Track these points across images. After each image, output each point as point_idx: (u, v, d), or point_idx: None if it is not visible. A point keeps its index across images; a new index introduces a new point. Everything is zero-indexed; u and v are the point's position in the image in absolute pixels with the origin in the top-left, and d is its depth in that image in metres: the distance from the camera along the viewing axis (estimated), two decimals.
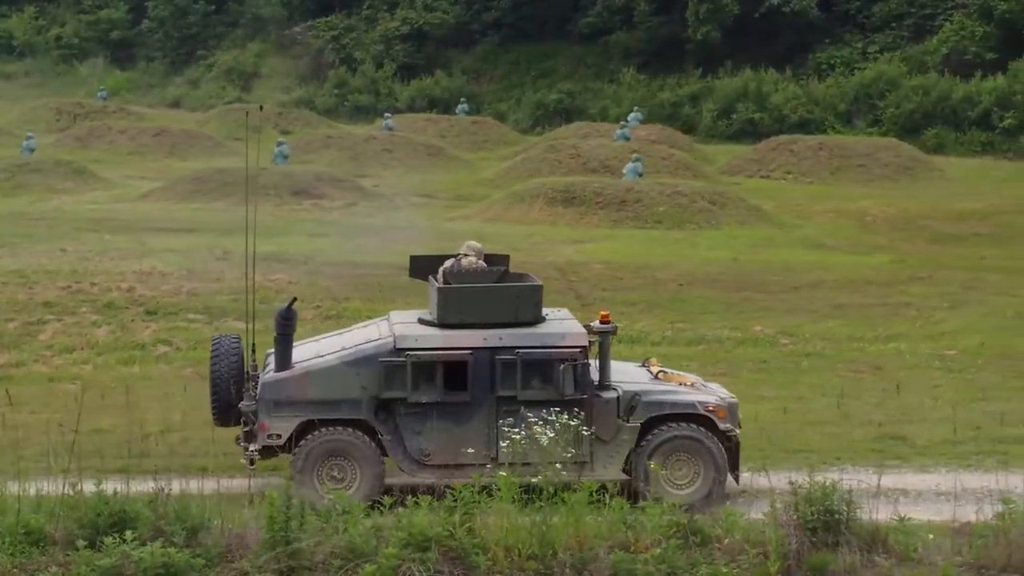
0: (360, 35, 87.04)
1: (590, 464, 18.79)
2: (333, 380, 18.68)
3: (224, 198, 47.59)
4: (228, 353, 19.85)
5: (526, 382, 18.63)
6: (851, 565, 14.64)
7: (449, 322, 18.86)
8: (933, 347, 31.07)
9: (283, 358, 19.06)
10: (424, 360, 18.51)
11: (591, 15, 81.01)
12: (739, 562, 14.62)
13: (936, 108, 66.58)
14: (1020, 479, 20.67)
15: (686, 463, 19.05)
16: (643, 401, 18.99)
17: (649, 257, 37.94)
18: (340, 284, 33.89)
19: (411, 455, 18.70)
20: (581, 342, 18.81)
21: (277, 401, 18.71)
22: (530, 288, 19.34)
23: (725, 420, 19.24)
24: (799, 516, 14.91)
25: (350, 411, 18.70)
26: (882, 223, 45.92)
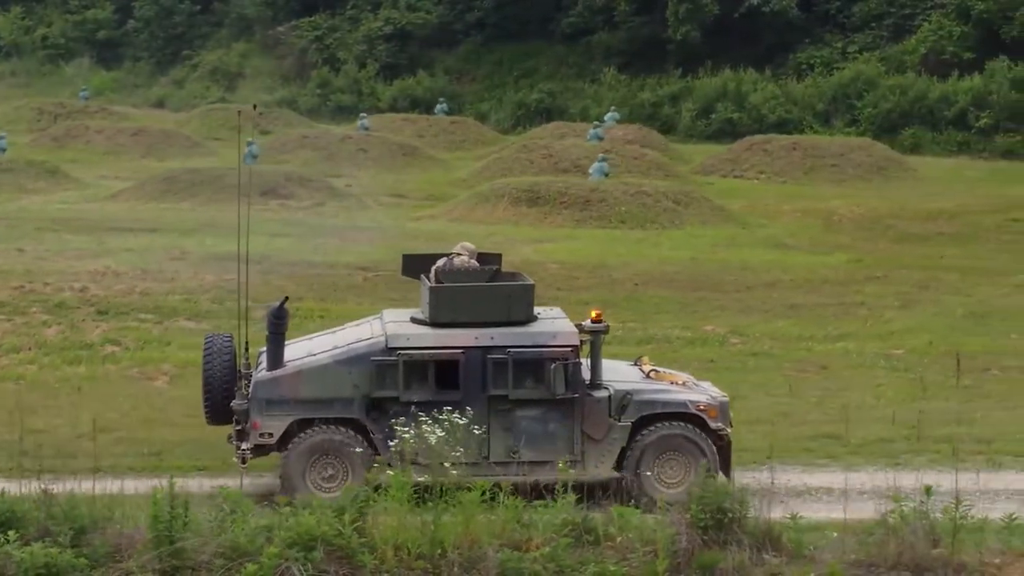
0: (344, 35, 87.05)
1: (582, 463, 18.94)
2: (325, 379, 18.83)
3: (191, 198, 47.71)
4: (220, 352, 19.90)
5: (518, 381, 18.80)
6: (740, 563, 14.74)
7: (441, 321, 19.02)
8: (881, 346, 31.22)
9: (275, 357, 19.18)
10: (416, 359, 18.68)
11: (573, 15, 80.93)
12: (629, 561, 14.71)
13: (913, 108, 66.63)
14: (944, 477, 20.76)
15: (677, 462, 19.18)
16: (635, 400, 19.14)
17: (607, 257, 38.00)
18: (294, 284, 33.91)
19: (403, 454, 18.72)
20: (572, 341, 18.97)
21: (269, 400, 18.85)
22: (522, 287, 19.53)
23: (716, 419, 19.41)
24: (691, 515, 14.99)
25: (342, 410, 18.83)
26: (848, 223, 45.98)
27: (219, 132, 72.17)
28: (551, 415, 18.90)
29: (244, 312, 21.01)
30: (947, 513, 15.31)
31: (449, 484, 15.36)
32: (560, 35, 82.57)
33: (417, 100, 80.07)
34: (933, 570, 15.02)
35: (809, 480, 21.04)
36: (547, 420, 18.91)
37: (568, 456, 18.72)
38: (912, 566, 15.05)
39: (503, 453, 18.85)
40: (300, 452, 18.72)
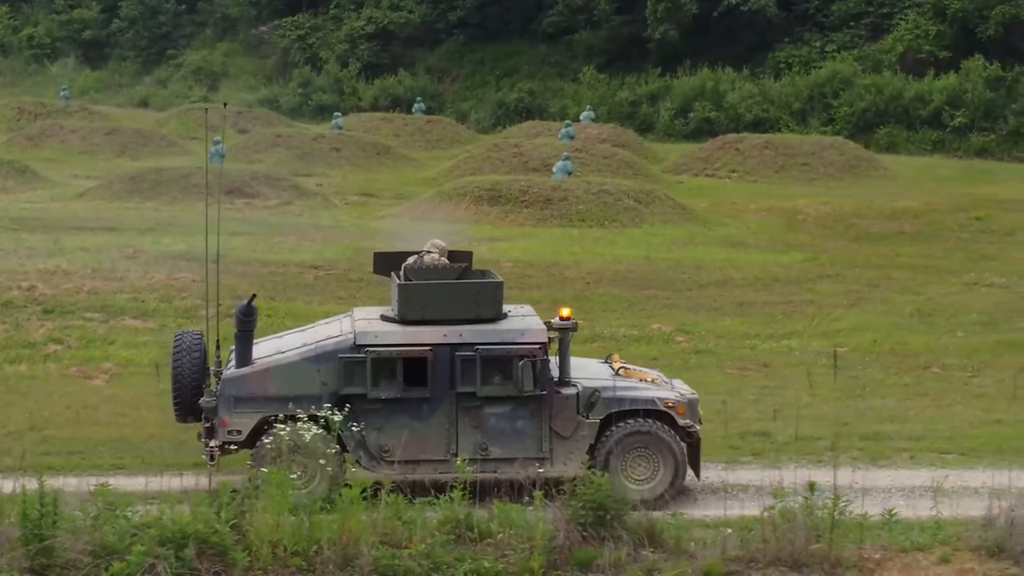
0: (326, 34, 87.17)
1: (550, 460, 19.00)
2: (293, 376, 18.89)
3: (157, 197, 47.77)
4: (190, 349, 19.99)
5: (486, 378, 18.86)
6: (617, 559, 14.81)
7: (410, 318, 19.12)
8: (825, 344, 31.32)
9: (243, 354, 19.24)
10: (384, 356, 18.76)
11: (553, 14, 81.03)
12: (508, 557, 14.79)
13: (889, 107, 66.68)
14: (860, 474, 20.89)
15: (646, 459, 19.28)
16: (603, 397, 19.23)
17: (562, 255, 38.06)
18: (245, 282, 33.95)
19: (371, 451, 18.87)
20: (540, 339, 19.07)
21: (237, 397, 18.91)
22: (490, 285, 19.63)
23: (685, 416, 19.54)
24: (571, 512, 15.07)
25: (310, 407, 18.80)
26: (812, 221, 46.03)
27: (197, 131, 72.28)
28: (519, 412, 19.00)
29: (217, 310, 21.06)
30: (824, 509, 15.39)
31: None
32: (542, 34, 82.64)
33: (398, 99, 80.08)
34: (810, 565, 15.09)
35: (728, 477, 21.07)
36: (515, 417, 19.01)
37: (536, 453, 18.87)
38: (790, 562, 15.14)
39: (471, 450, 18.86)
40: (269, 449, 18.66)
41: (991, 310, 33.58)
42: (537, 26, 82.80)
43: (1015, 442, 23.62)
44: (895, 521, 15.90)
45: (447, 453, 18.87)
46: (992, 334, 31.91)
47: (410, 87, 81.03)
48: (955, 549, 15.57)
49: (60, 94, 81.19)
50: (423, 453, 18.79)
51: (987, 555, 15.33)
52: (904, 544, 15.69)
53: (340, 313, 31.81)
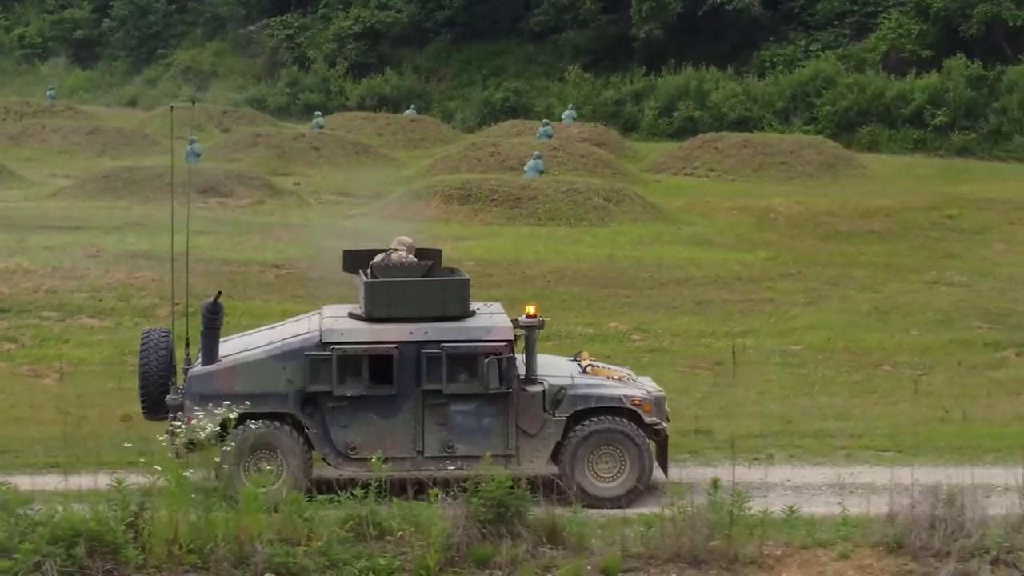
0: (315, 34, 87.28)
1: (516, 457, 19.00)
2: (259, 374, 18.87)
3: (130, 196, 47.88)
4: (157, 346, 19.93)
5: (451, 376, 18.82)
6: (514, 557, 14.85)
7: (377, 316, 19.11)
8: (780, 342, 31.41)
9: (209, 352, 19.24)
10: (349, 354, 18.74)
11: (539, 13, 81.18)
12: (406, 554, 14.84)
13: (871, 106, 66.75)
14: (794, 471, 20.95)
15: (612, 456, 19.24)
16: (569, 395, 19.19)
17: (525, 254, 38.13)
18: (204, 281, 33.92)
19: (337, 448, 18.86)
20: (507, 336, 19.02)
21: (203, 395, 18.81)
22: (457, 283, 19.62)
23: (651, 414, 19.46)
24: (471, 509, 15.11)
25: (276, 404, 18.87)
26: (783, 220, 46.07)
27: (181, 131, 72.13)
28: (485, 410, 18.95)
29: (173, 309, 21.19)
30: (723, 507, 15.44)
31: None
32: (529, 34, 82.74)
33: (385, 99, 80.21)
34: (708, 562, 15.13)
35: (661, 475, 21.08)
36: (481, 415, 18.96)
37: (502, 451, 18.83)
38: (690, 558, 15.17)
39: (438, 448, 18.89)
40: (235, 447, 18.63)
41: (948, 309, 33.62)
42: (524, 25, 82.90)
43: (955, 440, 23.61)
44: (795, 518, 15.88)
45: (413, 450, 18.88)
46: (946, 332, 31.96)
47: (396, 86, 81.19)
48: (857, 545, 15.58)
49: (47, 94, 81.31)
50: (389, 450, 18.69)
51: (886, 551, 15.35)
52: (807, 541, 15.69)
53: (298, 311, 32.12)
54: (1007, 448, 22.74)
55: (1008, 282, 35.97)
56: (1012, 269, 37.43)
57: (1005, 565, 15.00)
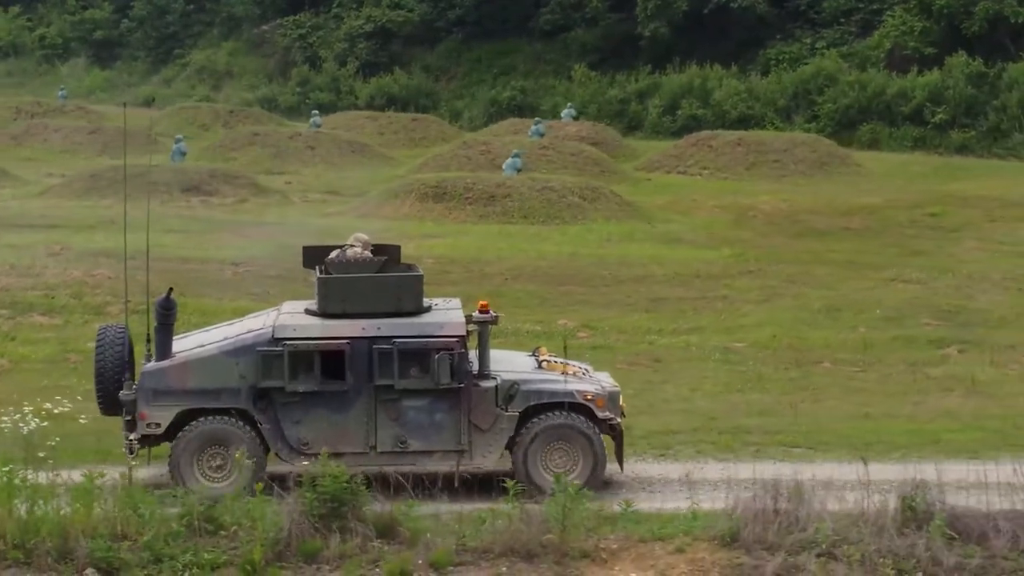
0: (327, 33, 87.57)
1: (469, 453, 19.13)
2: (212, 369, 19.06)
3: (114, 195, 47.99)
4: (113, 343, 20.01)
5: (403, 371, 18.93)
6: (343, 551, 14.99)
7: (331, 312, 19.26)
8: (725, 339, 31.44)
9: (163, 347, 19.39)
10: (301, 349, 18.89)
11: (546, 11, 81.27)
12: (237, 549, 14.99)
13: (872, 104, 66.38)
14: (694, 467, 20.99)
15: (564, 451, 19.37)
16: (522, 390, 19.33)
17: (487, 252, 38.23)
18: (160, 279, 34.08)
19: (290, 444, 19.02)
20: (458, 332, 19.13)
21: (156, 390, 19.05)
22: (409, 278, 19.69)
23: (604, 409, 19.60)
24: (305, 504, 15.26)
25: (229, 400, 19.03)
26: (762, 218, 46.01)
27: (188, 130, 72.69)
28: (438, 405, 19.06)
29: (126, 306, 21.36)
30: (558, 503, 15.55)
31: None
32: (538, 32, 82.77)
33: (393, 98, 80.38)
34: (540, 556, 15.24)
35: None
36: (434, 410, 19.07)
37: (455, 446, 19.01)
38: (523, 552, 15.28)
39: (390, 443, 19.03)
40: (188, 442, 18.94)
41: (900, 306, 33.55)
42: (534, 24, 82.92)
43: (870, 436, 23.63)
44: (634, 512, 16.01)
45: (366, 446, 19.01)
46: (893, 329, 31.92)
47: (405, 86, 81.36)
48: (696, 539, 15.69)
49: (58, 93, 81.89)
50: (342, 445, 18.83)
51: (721, 545, 15.44)
52: (647, 535, 15.78)
53: (250, 309, 32.28)
54: (916, 445, 22.80)
55: (966, 279, 35.83)
56: (974, 266, 37.27)
57: (833, 558, 15.05)
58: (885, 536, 15.27)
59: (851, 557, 14.97)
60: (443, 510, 16.44)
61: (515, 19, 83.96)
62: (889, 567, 14.86)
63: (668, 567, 15.16)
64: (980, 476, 16.58)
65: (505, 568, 15.07)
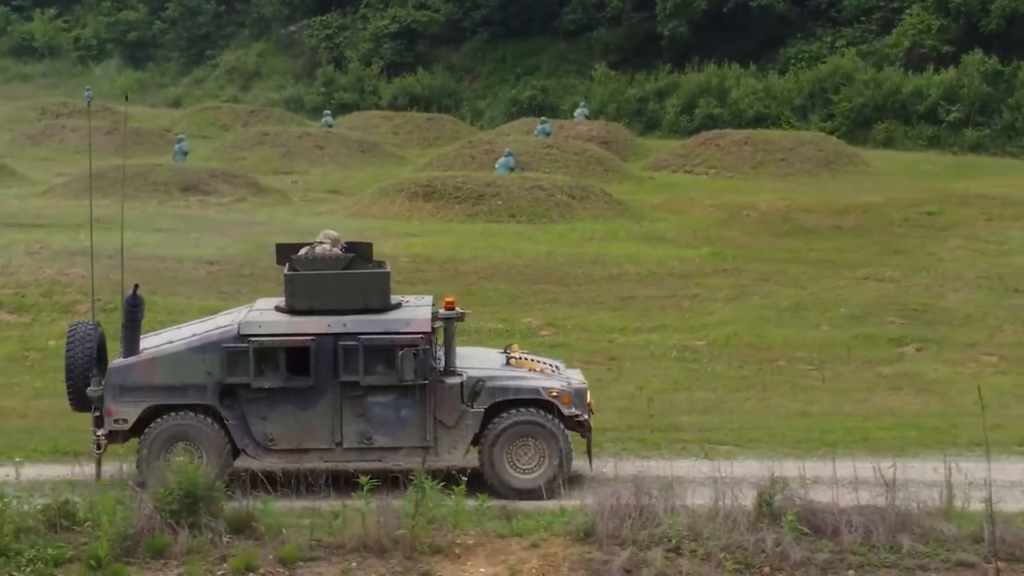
0: (354, 33, 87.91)
1: (435, 449, 19.28)
2: (178, 366, 19.22)
3: (115, 194, 48.28)
4: (83, 339, 20.19)
5: (368, 368, 19.06)
6: (192, 546, 15.13)
7: (298, 308, 19.44)
8: (685, 338, 31.45)
9: (130, 344, 19.59)
10: (266, 346, 19.04)
11: (569, 11, 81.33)
12: (88, 545, 15.14)
13: (887, 102, 66.09)
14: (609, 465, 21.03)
15: (530, 448, 19.50)
16: (487, 387, 19.46)
17: (465, 250, 38.28)
18: (134, 277, 34.25)
19: (256, 440, 19.20)
20: (424, 329, 19.23)
21: (123, 386, 19.23)
22: (375, 275, 19.81)
23: (570, 406, 19.70)
24: (158, 500, 15.40)
25: (195, 396, 19.21)
26: (755, 217, 45.83)
27: (208, 130, 73.26)
28: (403, 401, 19.18)
29: (94, 304, 21.71)
30: (411, 499, 15.65)
31: None
32: (562, 32, 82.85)
33: (416, 98, 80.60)
34: (390, 551, 15.33)
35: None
36: (399, 407, 19.19)
37: (420, 442, 19.14)
38: (375, 548, 15.38)
39: (356, 439, 19.17)
40: (154, 438, 19.10)
41: (868, 304, 33.42)
42: (558, 23, 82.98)
43: (800, 433, 23.65)
44: (487, 507, 16.05)
45: (332, 442, 19.15)
46: (857, 328, 31.82)
47: (428, 86, 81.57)
48: (554, 535, 15.73)
49: (84, 94, 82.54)
50: (308, 442, 19.06)
51: (575, 540, 15.49)
52: (503, 531, 15.84)
53: (218, 307, 32.50)
54: (844, 443, 22.79)
55: (940, 278, 35.62)
56: (952, 265, 37.04)
57: (677, 553, 15.10)
58: (736, 531, 15.25)
59: (694, 552, 14.98)
60: (301, 506, 16.56)
61: (540, 18, 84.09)
62: (730, 562, 14.86)
63: (520, 562, 15.22)
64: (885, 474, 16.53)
65: (355, 563, 15.16)
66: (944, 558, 15.22)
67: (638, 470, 20.76)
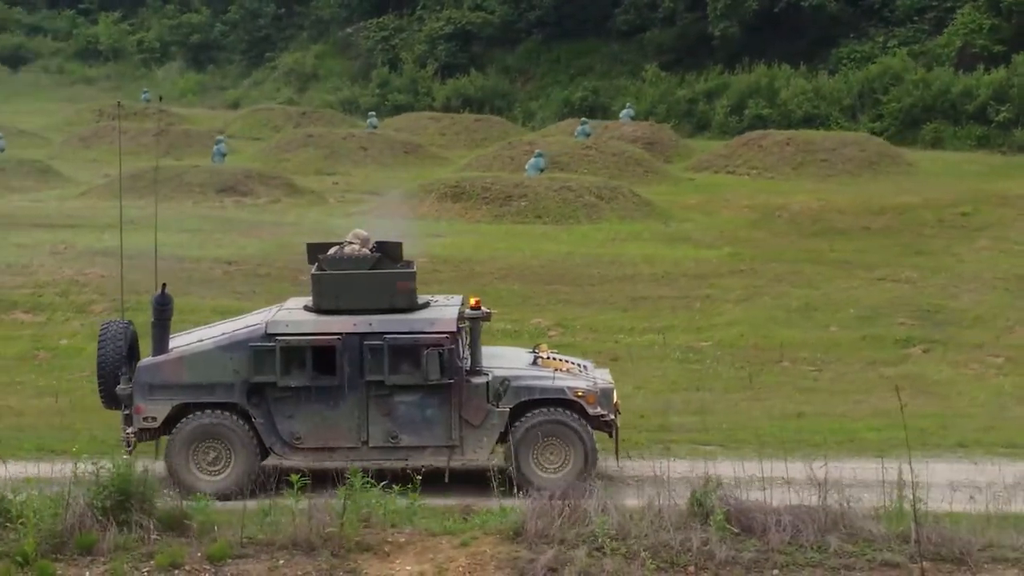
0: (410, 35, 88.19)
1: (460, 448, 19.48)
2: (207, 364, 19.54)
3: (150, 195, 48.83)
4: (115, 337, 20.46)
5: (394, 367, 19.32)
6: (120, 543, 15.28)
7: (325, 308, 19.72)
8: (691, 338, 31.42)
9: (159, 342, 19.93)
10: (293, 345, 19.32)
11: (620, 11, 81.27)
12: (13, 541, 15.32)
13: (936, 102, 65.47)
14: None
15: (556, 447, 19.68)
16: (513, 386, 19.66)
17: (483, 251, 38.38)
18: (150, 278, 34.85)
19: (283, 438, 19.49)
20: (449, 328, 19.45)
21: (152, 385, 19.56)
22: (401, 275, 20.01)
23: (596, 405, 19.86)
24: (91, 498, 15.57)
25: (223, 395, 19.53)
26: (786, 218, 45.59)
27: (260, 132, 73.74)
28: (429, 401, 19.40)
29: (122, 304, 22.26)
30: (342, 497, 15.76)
31: None
32: (616, 32, 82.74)
33: (469, 99, 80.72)
34: (318, 549, 15.43)
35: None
36: (425, 406, 19.41)
37: (446, 441, 19.32)
38: (305, 545, 15.48)
39: (382, 438, 19.39)
40: (183, 436, 19.41)
41: (880, 305, 33.22)
42: (612, 24, 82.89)
43: (788, 434, 23.57)
44: (419, 506, 16.14)
45: (358, 441, 19.36)
46: (865, 329, 31.67)
47: (481, 87, 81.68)
48: (486, 533, 15.79)
49: (141, 96, 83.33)
50: (334, 440, 19.31)
51: (505, 539, 15.54)
52: (436, 529, 15.91)
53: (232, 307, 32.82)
54: (830, 444, 22.76)
55: (956, 278, 35.36)
56: (971, 266, 36.75)
57: (599, 551, 15.12)
58: (663, 531, 15.26)
59: (616, 550, 14.99)
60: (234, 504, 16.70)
61: (594, 19, 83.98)
62: (651, 561, 14.86)
63: (448, 560, 15.28)
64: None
65: (283, 561, 15.26)
66: (870, 558, 15.16)
67: (614, 471, 20.97)
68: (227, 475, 19.13)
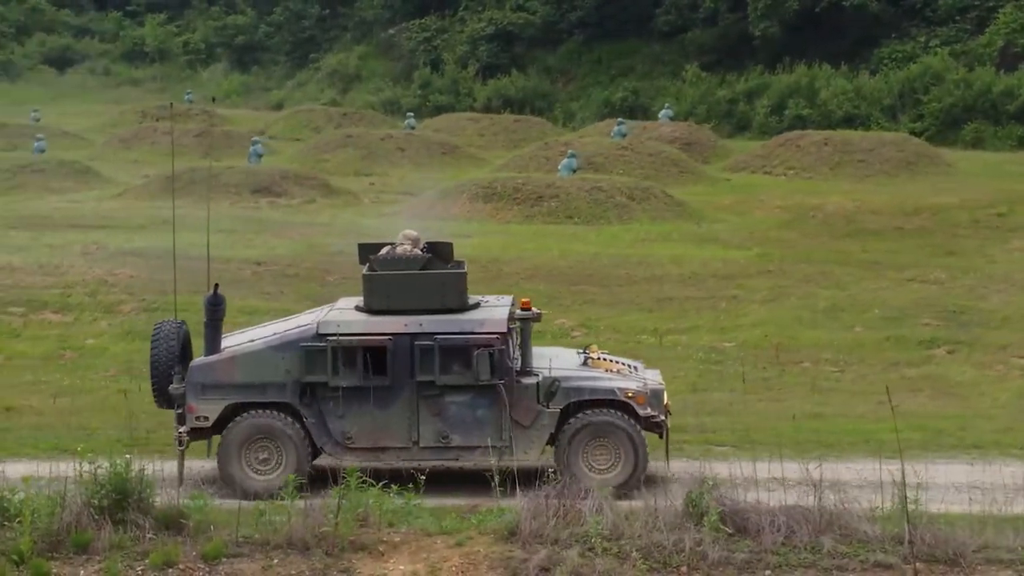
0: (452, 36, 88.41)
1: (510, 448, 19.44)
2: (258, 364, 19.57)
3: (187, 196, 49.11)
4: (167, 337, 20.54)
5: (444, 367, 19.32)
6: (115, 542, 15.37)
7: (375, 308, 19.76)
8: (715, 339, 31.32)
9: (211, 342, 20.02)
10: (344, 345, 19.33)
11: (661, 12, 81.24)
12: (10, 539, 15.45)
13: (977, 102, 65.19)
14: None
15: (606, 448, 19.63)
16: (563, 387, 19.60)
17: (511, 251, 38.42)
18: (181, 277, 35.01)
19: (335, 438, 19.57)
20: (499, 329, 19.40)
21: (204, 384, 19.62)
22: (452, 275, 19.97)
23: (646, 406, 19.82)
24: (88, 496, 15.67)
25: (275, 395, 19.59)
26: (820, 219, 45.46)
27: (301, 132, 74.03)
28: (479, 401, 19.40)
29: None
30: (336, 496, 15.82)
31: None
32: (657, 33, 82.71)
33: (510, 100, 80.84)
34: (312, 548, 15.49)
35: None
36: (475, 406, 19.42)
37: (497, 442, 19.26)
38: (300, 545, 15.55)
39: (432, 438, 19.46)
40: (234, 436, 19.52)
41: (906, 306, 33.01)
42: (653, 25, 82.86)
43: (804, 435, 23.43)
44: (415, 506, 16.17)
45: (409, 441, 19.45)
46: (891, 329, 31.47)
47: (522, 87, 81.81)
48: (481, 533, 15.81)
49: (185, 97, 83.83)
50: (385, 440, 19.36)
51: (499, 539, 15.56)
52: (432, 529, 15.95)
53: (257, 308, 32.98)
54: (844, 444, 22.70)
55: (986, 279, 35.16)
56: (1002, 267, 36.53)
57: (592, 552, 15.13)
58: (656, 531, 15.26)
59: (607, 551, 15.01)
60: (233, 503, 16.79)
61: (635, 20, 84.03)
62: (643, 561, 14.87)
63: (441, 560, 15.29)
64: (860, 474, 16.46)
65: (277, 560, 15.32)
66: (864, 559, 15.08)
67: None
68: (278, 475, 19.17)
